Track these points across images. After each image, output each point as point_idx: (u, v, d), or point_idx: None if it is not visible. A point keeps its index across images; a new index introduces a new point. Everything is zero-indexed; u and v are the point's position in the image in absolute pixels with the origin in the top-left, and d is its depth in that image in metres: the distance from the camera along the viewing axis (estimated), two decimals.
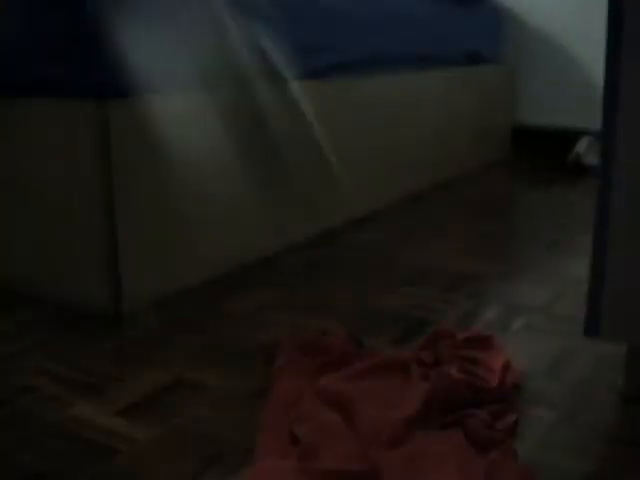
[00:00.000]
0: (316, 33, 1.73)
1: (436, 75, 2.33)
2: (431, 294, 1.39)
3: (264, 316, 1.28)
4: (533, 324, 1.24)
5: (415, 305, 1.33)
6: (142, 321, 1.24)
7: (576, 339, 1.17)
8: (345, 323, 1.24)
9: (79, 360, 1.10)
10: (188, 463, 0.84)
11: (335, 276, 1.49)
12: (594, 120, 2.75)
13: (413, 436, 0.85)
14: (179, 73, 1.35)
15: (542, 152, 2.89)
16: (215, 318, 1.28)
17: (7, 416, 0.94)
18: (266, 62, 1.15)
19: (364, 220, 1.90)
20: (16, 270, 1.37)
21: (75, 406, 0.97)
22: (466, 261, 1.58)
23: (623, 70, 0.87)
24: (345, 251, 1.66)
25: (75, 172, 1.24)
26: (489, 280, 1.46)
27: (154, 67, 1.28)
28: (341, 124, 1.83)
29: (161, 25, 1.28)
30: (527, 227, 1.88)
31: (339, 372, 0.98)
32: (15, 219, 1.35)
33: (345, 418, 0.89)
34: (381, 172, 2.04)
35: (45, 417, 0.94)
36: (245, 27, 1.17)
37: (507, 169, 2.73)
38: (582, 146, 2.64)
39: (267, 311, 1.30)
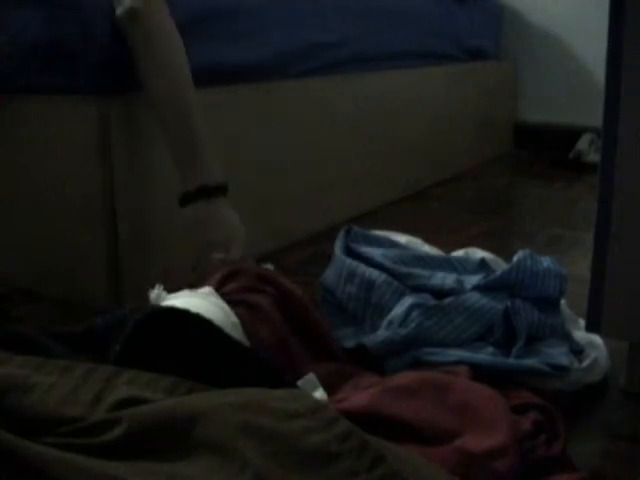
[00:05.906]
0: (315, 30, 1.72)
1: (437, 71, 2.33)
2: None
3: None
4: None
5: None
6: None
7: None
8: None
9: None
10: None
11: None
12: (596, 117, 2.75)
13: None
14: None
15: (543, 149, 2.89)
16: None
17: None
18: None
19: (365, 216, 1.90)
20: (17, 268, 1.38)
21: None
22: None
23: (624, 67, 0.86)
24: None
25: (75, 171, 1.24)
26: None
27: None
28: (341, 120, 1.83)
29: None
30: (528, 223, 1.88)
31: None
32: (15, 217, 1.35)
33: None
34: (381, 168, 2.04)
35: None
36: None
37: (508, 166, 2.73)
38: (584, 143, 2.64)
39: None
